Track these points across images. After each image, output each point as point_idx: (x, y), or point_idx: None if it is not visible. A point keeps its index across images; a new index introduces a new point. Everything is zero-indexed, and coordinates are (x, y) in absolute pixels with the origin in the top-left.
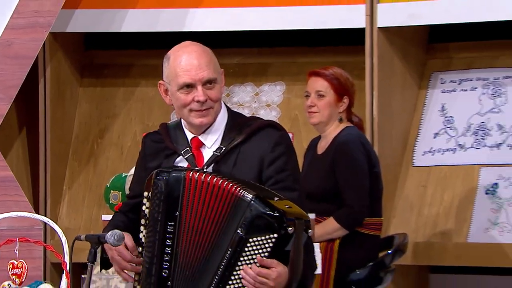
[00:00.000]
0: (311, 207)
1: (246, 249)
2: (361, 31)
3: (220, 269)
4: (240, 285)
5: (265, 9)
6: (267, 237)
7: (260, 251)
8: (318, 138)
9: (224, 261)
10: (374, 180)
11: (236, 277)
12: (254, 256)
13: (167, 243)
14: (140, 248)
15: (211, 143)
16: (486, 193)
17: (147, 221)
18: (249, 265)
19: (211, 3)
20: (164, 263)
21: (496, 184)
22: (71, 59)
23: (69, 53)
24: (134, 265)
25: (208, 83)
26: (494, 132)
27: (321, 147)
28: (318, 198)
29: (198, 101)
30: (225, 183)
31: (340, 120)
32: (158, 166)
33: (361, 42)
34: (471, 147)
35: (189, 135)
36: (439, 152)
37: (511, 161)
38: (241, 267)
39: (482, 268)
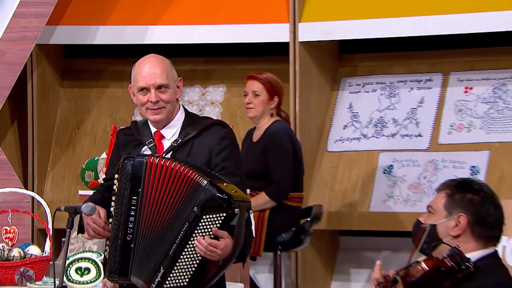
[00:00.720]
0: (246, 184)
1: (200, 224)
2: (286, 44)
3: (178, 239)
4: (193, 252)
5: (211, 26)
6: (217, 215)
7: (212, 226)
8: (253, 129)
9: (181, 232)
10: (297, 162)
11: (191, 245)
12: (206, 230)
13: (131, 213)
14: (110, 219)
15: (170, 136)
16: (384, 173)
17: (116, 197)
18: (202, 237)
19: (167, 21)
20: (129, 229)
21: (391, 165)
22: (53, 65)
23: (52, 60)
24: (106, 231)
25: (160, 87)
26: (390, 124)
27: (256, 136)
28: (252, 177)
29: (151, 102)
30: (183, 168)
31: (271, 115)
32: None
33: (286, 53)
34: (372, 136)
35: (153, 130)
36: (347, 140)
37: (403, 148)
38: (195, 238)
39: (380, 232)
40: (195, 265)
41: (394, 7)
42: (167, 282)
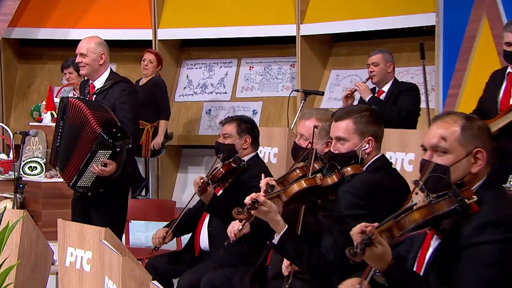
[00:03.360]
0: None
1: (97, 155)
2: (149, 42)
3: (85, 160)
4: (92, 171)
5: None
6: (107, 151)
7: (103, 157)
8: None
9: (87, 157)
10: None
11: (91, 166)
12: (100, 158)
13: (59, 130)
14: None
15: (98, 86)
16: (206, 113)
17: (57, 120)
18: (97, 164)
19: (84, 26)
20: (57, 140)
21: (210, 109)
22: (13, 50)
23: (12, 48)
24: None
25: (81, 55)
26: (209, 86)
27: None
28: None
29: (77, 61)
30: (88, 112)
31: None
32: None
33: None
34: (200, 93)
35: (91, 82)
36: (186, 95)
37: (217, 99)
38: (93, 164)
39: (206, 146)
40: (94, 177)
41: (224, 19)
42: (78, 183)
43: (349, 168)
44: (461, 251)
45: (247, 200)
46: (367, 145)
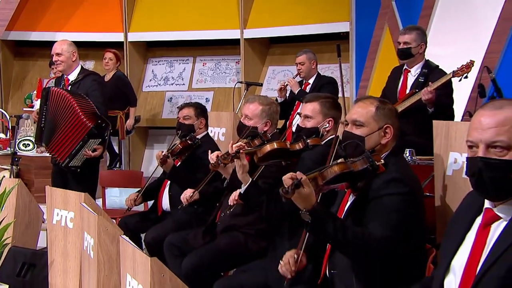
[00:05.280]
0: None
1: (88, 143)
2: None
3: (76, 146)
4: (84, 154)
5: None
6: (97, 139)
7: (94, 143)
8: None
9: (78, 144)
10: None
11: (83, 151)
12: (92, 146)
13: (43, 113)
14: None
15: (72, 79)
16: (168, 101)
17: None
18: (88, 149)
19: (68, 29)
20: (42, 122)
21: (171, 97)
22: (10, 50)
23: (9, 48)
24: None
25: (57, 54)
26: (171, 79)
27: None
28: None
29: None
30: (70, 98)
31: None
32: None
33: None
34: (163, 84)
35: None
36: (152, 86)
37: (176, 90)
38: (85, 149)
39: (170, 126)
40: (84, 158)
41: (183, 25)
42: (70, 164)
43: (310, 140)
44: (370, 202)
45: (231, 150)
46: (328, 124)
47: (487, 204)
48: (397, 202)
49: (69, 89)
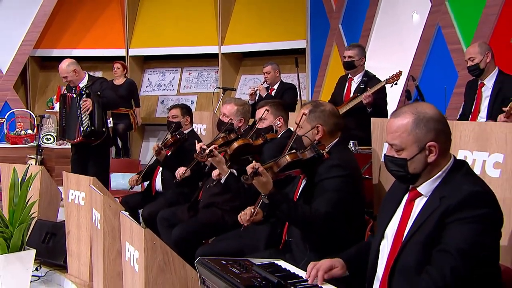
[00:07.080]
0: None
1: (78, 104)
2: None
3: (78, 117)
4: (82, 112)
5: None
6: (81, 98)
7: (82, 102)
8: None
9: (77, 116)
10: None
11: (81, 113)
12: (81, 105)
13: (63, 115)
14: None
15: (82, 86)
16: (161, 103)
17: (60, 109)
18: (81, 109)
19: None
20: (63, 121)
21: (164, 100)
22: (36, 64)
23: (36, 62)
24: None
25: (63, 77)
26: (163, 86)
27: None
28: None
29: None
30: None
31: None
32: None
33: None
34: (157, 90)
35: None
36: (149, 91)
37: (164, 94)
38: (81, 111)
39: (163, 124)
40: (88, 118)
41: (172, 42)
42: (84, 129)
43: (268, 135)
44: (317, 184)
45: (198, 149)
46: (279, 122)
47: None
48: (337, 183)
49: (82, 92)
